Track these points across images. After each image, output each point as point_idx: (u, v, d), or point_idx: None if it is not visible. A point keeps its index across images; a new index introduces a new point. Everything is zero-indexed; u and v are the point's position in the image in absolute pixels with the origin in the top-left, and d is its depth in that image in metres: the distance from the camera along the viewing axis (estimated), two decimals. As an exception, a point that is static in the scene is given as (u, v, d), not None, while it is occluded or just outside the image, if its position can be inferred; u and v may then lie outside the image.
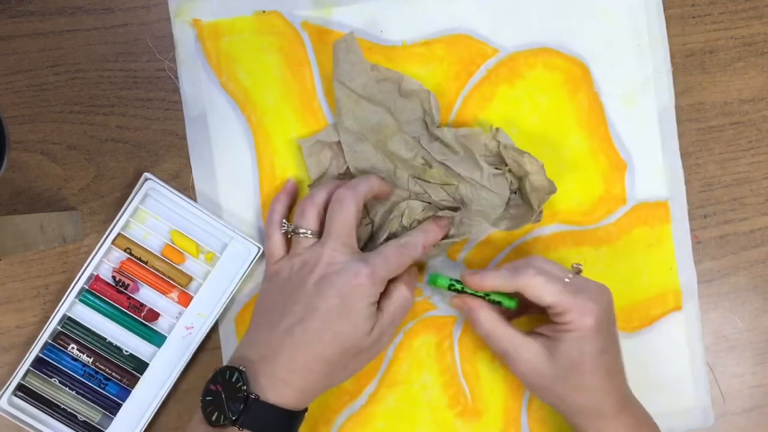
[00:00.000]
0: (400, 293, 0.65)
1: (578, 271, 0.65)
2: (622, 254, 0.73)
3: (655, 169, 0.73)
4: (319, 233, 0.65)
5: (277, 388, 0.59)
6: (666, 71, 0.73)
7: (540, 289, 0.62)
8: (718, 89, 0.74)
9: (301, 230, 0.65)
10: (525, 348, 0.64)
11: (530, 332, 0.65)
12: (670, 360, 0.73)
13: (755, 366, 0.74)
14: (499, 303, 0.66)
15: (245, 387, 0.58)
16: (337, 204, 0.64)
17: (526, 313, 0.69)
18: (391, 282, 0.65)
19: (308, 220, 0.65)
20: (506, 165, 0.69)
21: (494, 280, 0.64)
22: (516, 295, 0.66)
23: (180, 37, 0.70)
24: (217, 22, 0.71)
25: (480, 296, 0.66)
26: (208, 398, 0.60)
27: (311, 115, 0.71)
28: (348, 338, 0.61)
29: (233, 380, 0.59)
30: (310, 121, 0.71)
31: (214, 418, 0.59)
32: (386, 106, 0.68)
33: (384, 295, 0.65)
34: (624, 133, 0.73)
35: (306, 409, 0.63)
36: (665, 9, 0.73)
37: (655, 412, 0.66)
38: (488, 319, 0.65)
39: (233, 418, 0.58)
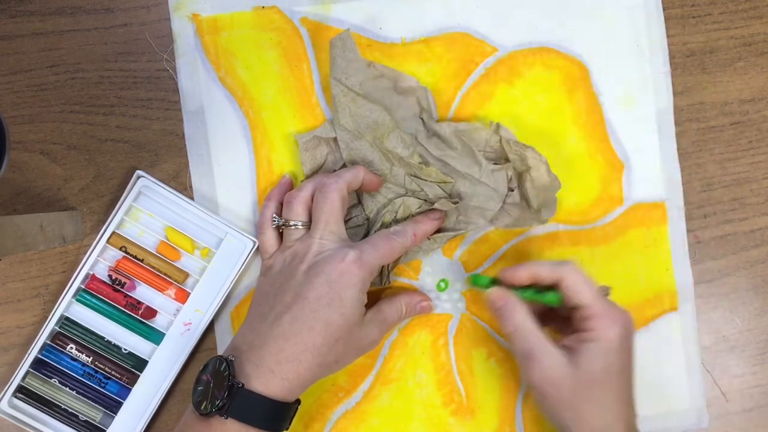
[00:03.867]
0: (398, 308, 0.68)
1: (606, 293, 0.64)
2: (619, 255, 0.72)
3: (652, 170, 0.72)
4: (309, 224, 0.66)
5: (263, 378, 0.58)
6: (665, 72, 0.72)
7: (580, 285, 0.61)
8: (718, 89, 0.73)
9: (291, 222, 0.66)
10: (550, 354, 0.61)
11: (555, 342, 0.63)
12: (665, 361, 0.73)
13: (755, 366, 0.74)
14: (537, 301, 0.64)
15: (231, 375, 0.58)
16: (321, 193, 0.64)
17: (546, 325, 0.66)
18: (396, 296, 0.68)
19: (296, 212, 0.66)
20: (506, 161, 0.69)
21: (533, 268, 0.63)
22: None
23: (179, 32, 0.71)
24: (216, 17, 0.71)
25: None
26: (199, 388, 0.60)
27: (309, 110, 0.71)
28: (337, 327, 0.60)
29: (221, 369, 0.58)
30: (307, 117, 0.71)
31: (202, 407, 0.58)
32: (383, 103, 0.68)
33: (385, 301, 0.67)
34: (622, 134, 0.72)
35: (298, 402, 0.61)
36: (665, 9, 0.72)
37: (649, 413, 0.67)
38: (522, 316, 0.62)
39: (218, 406, 0.57)
